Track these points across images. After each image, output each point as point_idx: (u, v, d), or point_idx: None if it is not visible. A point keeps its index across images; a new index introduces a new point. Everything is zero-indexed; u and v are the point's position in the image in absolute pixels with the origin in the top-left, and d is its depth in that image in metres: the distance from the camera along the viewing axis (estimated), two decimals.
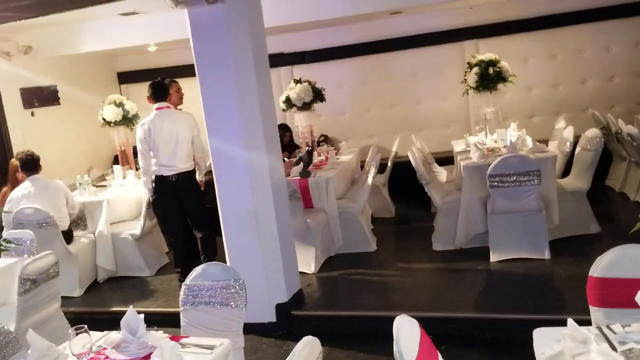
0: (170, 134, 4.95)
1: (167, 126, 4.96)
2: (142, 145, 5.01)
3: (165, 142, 4.95)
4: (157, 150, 4.96)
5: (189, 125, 5.03)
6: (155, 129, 4.95)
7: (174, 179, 4.98)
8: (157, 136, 4.95)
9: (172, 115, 5.03)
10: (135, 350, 2.36)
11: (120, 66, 8.82)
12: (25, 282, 3.63)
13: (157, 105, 5.06)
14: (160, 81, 5.21)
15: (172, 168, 4.97)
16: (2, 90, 6.76)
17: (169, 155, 4.96)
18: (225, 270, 2.91)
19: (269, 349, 4.12)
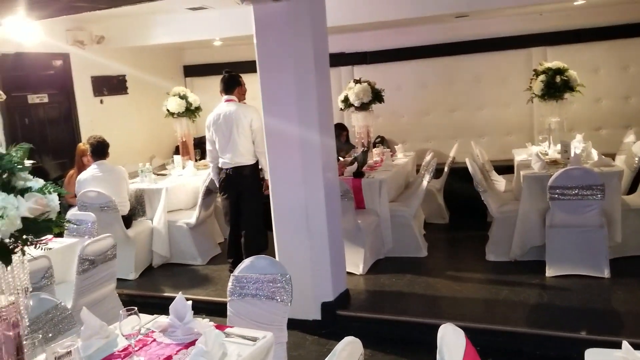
0: (226, 127, 5.05)
1: (226, 119, 5.06)
2: (208, 136, 5.21)
3: (222, 134, 5.07)
4: (217, 142, 5.10)
5: (249, 119, 5.08)
6: (215, 121, 5.09)
7: (231, 172, 5.09)
8: (216, 128, 5.09)
9: (234, 108, 5.12)
10: (181, 336, 2.42)
11: (186, 59, 9.06)
12: (84, 262, 3.79)
13: (224, 98, 5.19)
14: (230, 74, 5.30)
15: (230, 161, 5.08)
16: (74, 77, 7.08)
17: (224, 148, 5.07)
18: (273, 264, 2.94)
19: (311, 346, 4.14)
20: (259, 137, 5.02)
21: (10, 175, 1.68)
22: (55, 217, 1.76)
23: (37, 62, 6.63)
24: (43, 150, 6.69)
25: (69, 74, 7.02)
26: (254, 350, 2.27)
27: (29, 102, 6.57)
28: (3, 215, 1.58)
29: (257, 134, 5.04)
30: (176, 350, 2.32)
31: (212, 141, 5.17)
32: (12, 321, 1.71)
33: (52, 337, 2.65)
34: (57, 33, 6.73)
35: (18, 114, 6.45)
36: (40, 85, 6.69)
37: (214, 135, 5.14)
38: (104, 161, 5.55)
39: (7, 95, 6.17)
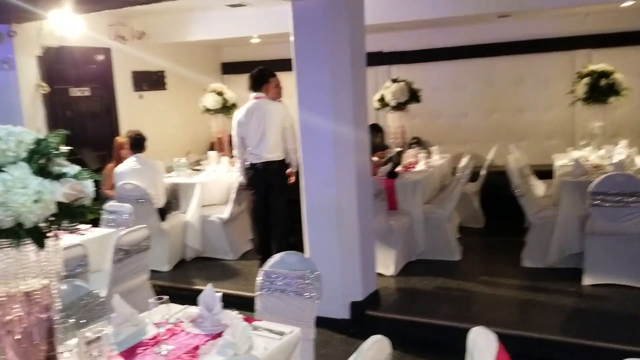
0: (258, 124, 5.09)
1: (257, 116, 5.10)
2: (235, 132, 5.23)
3: (253, 131, 5.11)
4: (247, 138, 5.14)
5: (280, 117, 5.11)
6: (246, 117, 5.13)
7: (261, 167, 5.13)
8: (246, 125, 5.13)
9: (264, 106, 5.15)
10: (209, 327, 2.43)
11: (224, 57, 9.15)
12: (119, 251, 3.86)
13: (253, 95, 5.22)
14: (259, 71, 5.33)
15: (259, 157, 5.12)
16: (115, 72, 7.23)
17: (256, 144, 5.11)
18: (302, 260, 2.93)
19: (339, 345, 4.11)
20: (289, 134, 5.09)
21: (46, 161, 1.71)
22: (89, 203, 1.79)
23: (80, 56, 6.79)
24: (83, 143, 6.85)
25: (110, 68, 7.17)
26: (281, 344, 2.26)
27: (71, 95, 6.73)
28: (39, 200, 1.61)
29: (288, 131, 5.10)
30: (204, 340, 2.33)
31: (241, 137, 5.21)
32: (45, 304, 1.75)
33: (84, 323, 2.69)
34: (100, 28, 6.88)
35: (60, 107, 6.61)
36: (82, 79, 6.85)
37: (244, 132, 5.17)
38: (141, 155, 5.66)
39: (50, 87, 6.35)
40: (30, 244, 1.65)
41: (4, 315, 1.69)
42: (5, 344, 1.72)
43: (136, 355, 2.25)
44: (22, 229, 1.60)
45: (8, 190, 1.57)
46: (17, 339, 1.71)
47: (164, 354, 2.23)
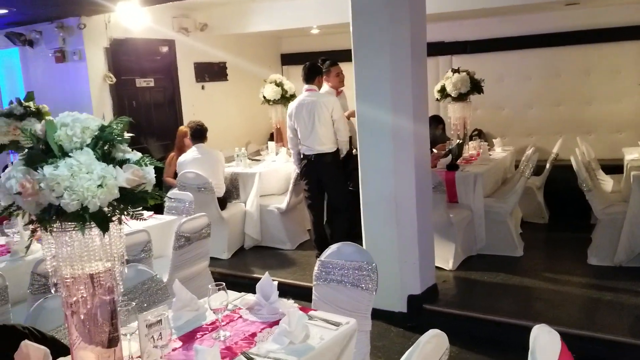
0: (308, 116, 5.15)
1: (307, 108, 5.17)
2: (288, 125, 5.34)
3: (304, 123, 5.17)
4: (298, 130, 5.20)
5: (329, 109, 5.15)
6: (297, 110, 5.20)
7: (313, 159, 5.18)
8: (297, 117, 5.21)
9: (314, 98, 5.21)
10: (266, 315, 2.45)
11: (284, 48, 9.20)
12: (180, 238, 3.96)
13: (305, 87, 5.29)
14: (311, 64, 5.41)
15: (311, 148, 5.18)
16: (179, 63, 7.40)
17: (307, 136, 5.17)
18: (359, 252, 2.90)
19: (396, 337, 4.07)
20: (340, 126, 5.20)
21: (110, 147, 1.76)
22: (150, 189, 1.82)
23: (145, 47, 6.99)
24: (148, 132, 7.06)
25: (174, 59, 7.35)
26: (337, 335, 2.24)
27: (137, 85, 6.94)
28: (102, 184, 1.65)
29: (338, 123, 5.19)
30: (260, 328, 2.35)
31: (294, 129, 5.30)
32: (108, 286, 1.80)
33: (146, 306, 2.77)
34: (164, 20, 7.06)
35: (126, 97, 6.84)
36: (147, 70, 7.06)
37: (296, 124, 5.25)
38: (203, 145, 5.78)
39: (116, 78, 6.57)
40: (95, 227, 1.70)
41: (69, 296, 1.76)
42: (70, 323, 1.79)
43: (195, 339, 2.29)
44: (87, 213, 1.64)
45: (74, 175, 1.61)
46: (82, 319, 1.77)
47: (222, 339, 2.26)
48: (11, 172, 1.68)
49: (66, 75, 6.55)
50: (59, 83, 6.60)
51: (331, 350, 2.21)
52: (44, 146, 1.71)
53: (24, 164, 1.68)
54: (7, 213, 1.75)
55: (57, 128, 1.70)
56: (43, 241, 1.75)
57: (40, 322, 2.33)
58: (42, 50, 6.69)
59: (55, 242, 1.73)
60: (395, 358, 3.68)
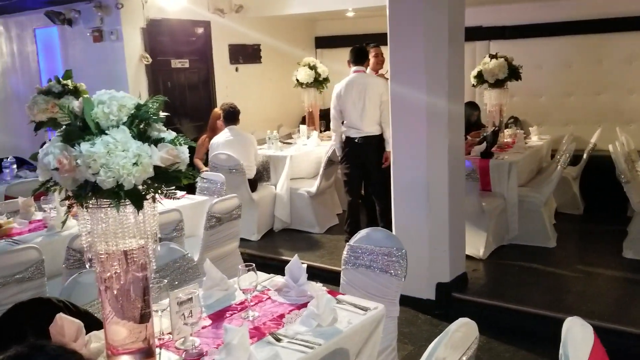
0: (358, 97, 5.09)
1: (357, 89, 5.10)
2: (333, 105, 5.24)
3: (353, 104, 5.10)
4: (345, 111, 5.14)
5: (379, 90, 5.07)
6: (346, 90, 5.13)
7: (360, 141, 5.13)
8: (346, 98, 5.13)
9: (365, 79, 5.16)
10: (294, 297, 2.46)
11: (318, 31, 9.13)
12: (211, 218, 4.00)
13: (354, 69, 5.23)
14: (361, 46, 5.35)
15: (358, 130, 5.12)
16: (214, 45, 7.42)
17: (356, 118, 5.10)
18: (389, 237, 2.89)
19: (423, 325, 4.05)
20: (386, 109, 5.01)
21: (146, 126, 1.77)
22: (184, 169, 1.83)
23: (181, 28, 7.03)
24: (181, 113, 7.13)
25: (209, 41, 7.37)
26: (365, 319, 2.24)
27: (172, 66, 7.00)
28: (138, 162, 1.67)
29: (385, 106, 5.03)
30: (289, 309, 2.36)
31: (339, 110, 5.22)
32: (141, 263, 1.82)
33: (177, 284, 2.81)
34: (200, 1, 7.07)
35: (161, 77, 6.90)
36: (182, 51, 7.10)
37: (342, 105, 5.16)
38: (235, 127, 5.82)
39: (152, 58, 6.63)
40: (129, 205, 1.72)
41: (103, 271, 1.79)
42: (104, 298, 1.82)
43: (224, 318, 2.32)
44: (122, 190, 1.66)
45: (110, 152, 1.63)
46: (115, 294, 1.80)
47: (250, 319, 2.28)
48: (49, 148, 1.71)
49: (103, 54, 6.64)
50: (96, 62, 6.70)
51: (358, 334, 2.21)
52: (81, 123, 1.73)
53: (62, 140, 1.71)
54: (44, 188, 1.79)
55: (94, 105, 1.72)
56: (79, 217, 1.78)
57: (74, 296, 2.39)
58: (81, 29, 6.79)
59: (90, 219, 1.76)
60: (422, 345, 3.68)
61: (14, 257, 3.12)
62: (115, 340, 1.82)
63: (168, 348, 2.08)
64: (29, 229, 3.81)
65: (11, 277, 3.06)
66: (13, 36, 7.89)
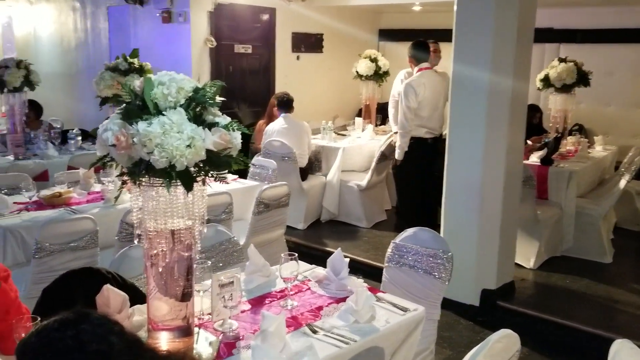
0: (432, 95, 4.98)
1: (432, 86, 4.99)
2: (411, 104, 5.09)
3: (428, 103, 4.99)
4: (421, 110, 5.02)
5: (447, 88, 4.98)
6: (423, 89, 5.01)
7: (431, 142, 5.02)
8: (423, 96, 5.00)
9: (435, 77, 5.04)
10: (334, 290, 2.46)
11: (383, 23, 9.04)
12: (260, 204, 4.05)
13: (420, 66, 5.11)
14: (424, 41, 5.23)
15: (432, 130, 5.00)
16: (277, 32, 7.47)
17: (428, 117, 4.98)
18: (436, 239, 2.84)
19: (464, 330, 3.98)
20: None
21: (202, 109, 1.80)
22: (235, 154, 1.85)
23: (247, 14, 7.10)
24: (240, 98, 7.22)
25: (272, 28, 7.42)
26: (403, 320, 2.22)
27: (235, 51, 7.09)
28: (191, 145, 1.69)
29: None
30: (327, 302, 2.36)
31: (413, 108, 5.07)
32: (187, 244, 1.86)
33: (221, 266, 2.87)
34: None
35: (224, 61, 7.00)
36: (246, 37, 7.18)
37: (414, 103, 5.03)
38: (290, 115, 5.86)
39: (217, 42, 6.74)
40: (180, 186, 1.76)
41: (151, 248, 1.84)
42: (149, 274, 1.87)
43: (263, 305, 2.34)
44: (174, 170, 1.70)
45: (165, 133, 1.67)
46: (160, 271, 1.85)
47: (289, 308, 2.30)
48: (108, 125, 1.77)
49: (170, 35, 6.80)
50: (163, 43, 6.87)
51: (396, 334, 2.19)
52: (140, 102, 1.77)
53: (121, 117, 1.76)
54: (101, 163, 1.85)
55: (155, 86, 1.76)
56: (131, 193, 1.84)
57: (122, 269, 2.47)
58: (151, 9, 6.97)
59: (142, 196, 1.81)
60: (461, 350, 3.61)
61: (71, 226, 3.26)
62: (157, 315, 1.87)
63: (206, 328, 2.12)
64: (87, 200, 3.97)
65: (66, 245, 3.20)
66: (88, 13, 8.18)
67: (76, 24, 8.40)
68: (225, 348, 1.98)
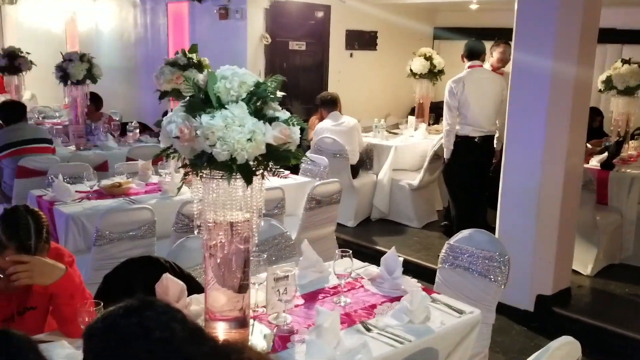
0: (481, 92, 4.89)
1: (479, 84, 4.91)
2: (451, 102, 5.02)
3: (476, 101, 4.89)
4: (466, 108, 4.94)
5: (501, 87, 4.87)
6: (467, 86, 4.93)
7: (478, 140, 4.94)
8: (468, 94, 4.92)
9: (485, 75, 4.95)
10: (387, 289, 2.44)
11: (438, 21, 8.91)
12: (311, 200, 4.06)
13: (470, 64, 5.03)
14: (477, 40, 5.14)
15: (479, 129, 4.92)
16: (331, 29, 7.47)
17: (476, 115, 4.90)
18: (492, 241, 2.78)
19: (518, 336, 3.88)
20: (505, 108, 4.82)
21: (262, 104, 1.81)
22: (294, 149, 1.86)
23: (302, 11, 7.14)
24: (293, 94, 7.26)
25: (327, 25, 7.43)
26: (459, 322, 2.18)
27: (289, 48, 7.14)
28: (252, 139, 1.71)
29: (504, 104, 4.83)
30: (381, 301, 2.35)
31: (456, 106, 5.01)
32: (245, 236, 1.88)
33: (274, 260, 2.89)
34: None
35: (278, 58, 7.07)
36: (300, 34, 7.22)
37: (460, 101, 4.95)
38: (338, 113, 5.87)
39: (271, 39, 6.80)
40: (240, 179, 1.77)
41: (210, 239, 1.87)
42: (207, 265, 1.91)
43: (317, 300, 2.35)
44: (234, 164, 1.72)
45: (227, 126, 1.69)
46: (218, 263, 1.88)
47: (342, 305, 2.30)
48: (172, 117, 1.80)
49: (227, 32, 6.90)
50: (220, 39, 6.98)
51: (451, 337, 2.15)
52: (203, 96, 1.80)
53: (185, 110, 1.79)
54: (164, 154, 1.89)
55: (217, 80, 1.79)
56: (192, 185, 1.87)
57: (180, 259, 2.52)
58: (209, 6, 7.10)
59: (203, 187, 1.83)
60: (514, 356, 3.53)
61: (130, 215, 3.36)
62: (214, 306, 1.90)
63: (261, 321, 2.14)
64: (145, 191, 4.07)
65: (125, 234, 3.30)
66: (147, 9, 8.42)
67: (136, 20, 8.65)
68: (280, 341, 2.00)
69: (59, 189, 3.78)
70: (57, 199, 3.74)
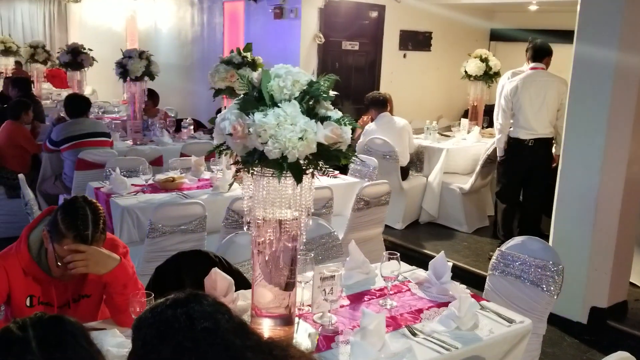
0: (536, 95, 4.76)
1: (536, 87, 4.78)
2: (505, 102, 4.93)
3: (530, 103, 4.77)
4: (519, 110, 4.82)
5: (559, 91, 4.72)
6: (523, 87, 4.81)
7: (531, 143, 4.81)
8: (522, 95, 4.80)
9: (544, 77, 4.81)
10: (435, 294, 2.40)
11: (495, 23, 8.71)
12: (360, 201, 4.04)
13: (531, 65, 4.91)
14: (541, 42, 5.00)
15: (531, 132, 4.80)
16: (385, 29, 7.42)
17: (530, 117, 4.78)
18: (546, 250, 2.70)
19: (569, 348, 3.75)
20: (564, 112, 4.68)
21: (315, 103, 1.81)
22: (345, 149, 1.86)
23: (356, 11, 7.12)
24: (344, 94, 7.25)
25: (381, 25, 7.39)
26: (509, 331, 2.12)
27: (342, 47, 7.14)
28: (303, 137, 1.71)
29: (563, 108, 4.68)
30: (428, 306, 2.31)
31: (510, 108, 4.90)
32: (293, 234, 1.89)
33: (321, 259, 2.89)
34: None
35: (331, 58, 7.08)
36: (354, 33, 7.20)
37: (516, 102, 4.83)
38: (388, 114, 5.82)
39: (325, 39, 6.82)
40: (290, 177, 1.78)
41: (258, 236, 1.88)
42: (255, 261, 1.92)
43: (362, 302, 2.33)
44: (285, 162, 1.72)
45: (279, 124, 1.70)
46: (266, 259, 1.89)
47: (388, 308, 2.27)
48: (226, 114, 1.83)
49: (281, 31, 6.97)
50: (274, 38, 7.05)
51: (499, 346, 2.10)
52: (257, 94, 1.82)
53: (238, 108, 1.81)
54: (217, 151, 1.92)
55: (271, 78, 1.80)
56: (243, 182, 1.89)
57: (228, 254, 2.56)
58: (264, 5, 7.18)
59: (253, 185, 1.85)
60: None
61: (182, 210, 3.44)
62: (261, 302, 1.92)
63: (306, 319, 2.14)
64: (197, 186, 4.16)
65: (177, 227, 3.38)
66: (204, 8, 8.59)
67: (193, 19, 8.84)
68: (324, 341, 2.00)
69: (115, 181, 3.91)
70: (113, 192, 3.87)
